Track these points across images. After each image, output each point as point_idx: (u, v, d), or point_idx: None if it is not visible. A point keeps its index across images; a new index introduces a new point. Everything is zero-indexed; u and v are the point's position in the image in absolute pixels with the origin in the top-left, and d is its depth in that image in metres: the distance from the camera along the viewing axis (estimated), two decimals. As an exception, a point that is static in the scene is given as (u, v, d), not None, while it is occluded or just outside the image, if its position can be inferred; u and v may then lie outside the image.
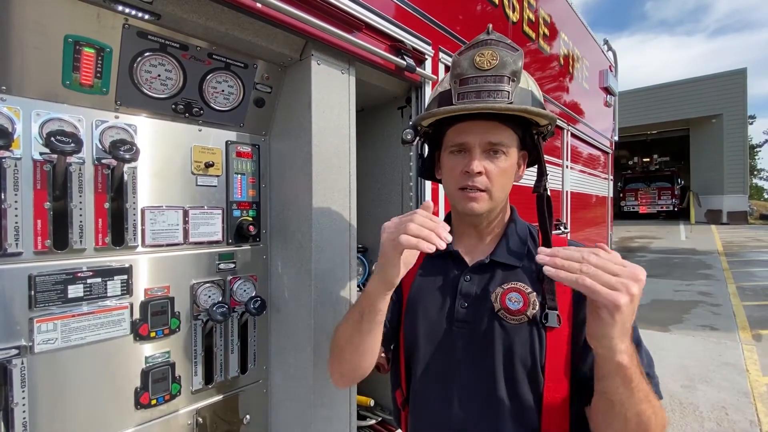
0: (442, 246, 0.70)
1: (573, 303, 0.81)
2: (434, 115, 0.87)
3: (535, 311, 0.81)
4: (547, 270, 0.63)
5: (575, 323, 0.80)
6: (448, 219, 1.02)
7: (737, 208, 18.97)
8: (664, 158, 22.68)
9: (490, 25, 0.87)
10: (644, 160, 22.79)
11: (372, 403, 1.69)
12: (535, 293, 0.82)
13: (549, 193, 0.91)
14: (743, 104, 18.91)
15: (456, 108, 0.82)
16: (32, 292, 0.92)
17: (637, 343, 0.74)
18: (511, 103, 0.81)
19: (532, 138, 0.91)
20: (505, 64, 0.81)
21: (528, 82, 0.86)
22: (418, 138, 0.99)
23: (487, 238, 0.94)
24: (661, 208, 21.08)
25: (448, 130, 0.89)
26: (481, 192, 0.85)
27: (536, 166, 0.95)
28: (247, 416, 1.33)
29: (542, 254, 0.65)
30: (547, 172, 0.93)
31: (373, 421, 1.69)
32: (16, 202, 0.90)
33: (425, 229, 0.70)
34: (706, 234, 15.08)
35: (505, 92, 0.80)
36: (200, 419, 1.21)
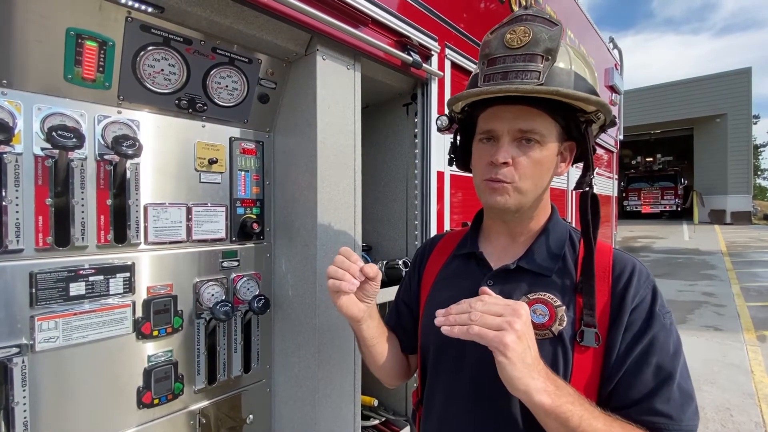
0: (350, 288, 0.78)
1: (609, 323, 0.72)
2: (459, 99, 0.80)
3: (561, 327, 0.72)
4: (445, 330, 0.63)
5: (608, 345, 0.71)
6: (479, 217, 0.94)
7: (741, 208, 18.87)
8: (667, 158, 22.57)
9: None
10: (647, 159, 22.69)
11: (376, 403, 1.68)
12: (564, 307, 0.73)
13: (595, 191, 0.78)
14: (748, 104, 18.78)
15: (477, 91, 0.73)
16: (33, 290, 0.91)
17: (665, 379, 0.66)
18: (541, 84, 0.70)
19: (578, 126, 0.78)
20: (538, 41, 0.71)
21: (572, 62, 0.75)
22: (453, 124, 0.91)
23: (519, 239, 0.84)
24: (665, 207, 21.00)
25: (479, 117, 0.81)
26: (506, 184, 0.76)
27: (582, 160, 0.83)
28: (251, 416, 1.31)
29: (438, 316, 0.66)
30: (595, 167, 0.79)
31: (376, 421, 1.67)
32: (17, 198, 0.89)
33: (340, 271, 0.79)
34: (710, 234, 15.01)
35: (535, 72, 0.70)
36: (203, 419, 1.20)
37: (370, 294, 0.84)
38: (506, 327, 0.59)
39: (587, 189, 0.79)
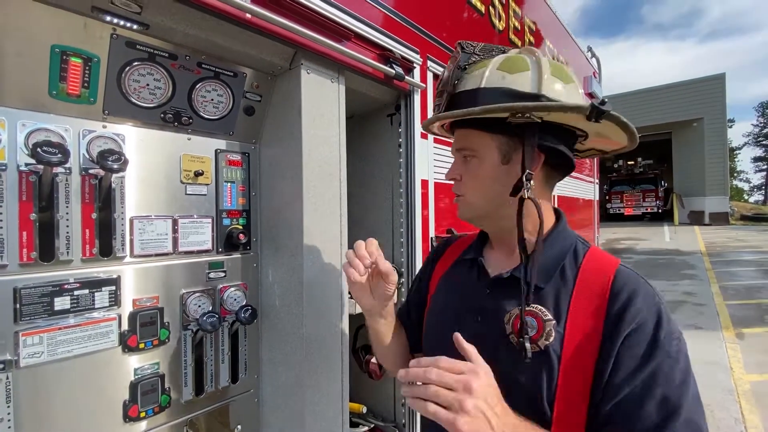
0: (354, 277, 0.84)
1: (600, 345, 0.68)
2: (428, 123, 0.94)
3: (548, 342, 0.71)
4: (409, 402, 0.62)
5: (597, 368, 0.68)
6: None
7: (719, 209, 19.44)
8: (648, 161, 23.17)
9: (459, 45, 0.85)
10: (629, 163, 23.27)
11: (364, 410, 1.69)
12: (554, 322, 0.72)
13: (529, 195, 0.75)
14: (723, 108, 19.44)
15: (425, 123, 0.94)
16: (17, 305, 0.90)
17: (671, 413, 0.62)
18: (443, 111, 0.82)
19: (522, 131, 0.76)
20: (445, 80, 0.85)
21: (483, 78, 0.78)
22: None
23: (516, 249, 0.81)
24: (646, 209, 21.51)
25: None
26: (459, 197, 0.87)
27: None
28: (239, 426, 1.31)
29: (400, 376, 0.64)
30: (531, 171, 0.75)
31: (365, 428, 1.69)
32: (0, 213, 0.89)
33: (353, 257, 0.86)
34: (690, 235, 15.42)
35: (440, 105, 0.84)
36: (191, 430, 1.20)
37: (382, 295, 0.90)
38: (456, 406, 0.57)
39: (518, 195, 0.76)
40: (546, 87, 0.74)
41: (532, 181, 0.75)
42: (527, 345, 0.70)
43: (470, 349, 0.65)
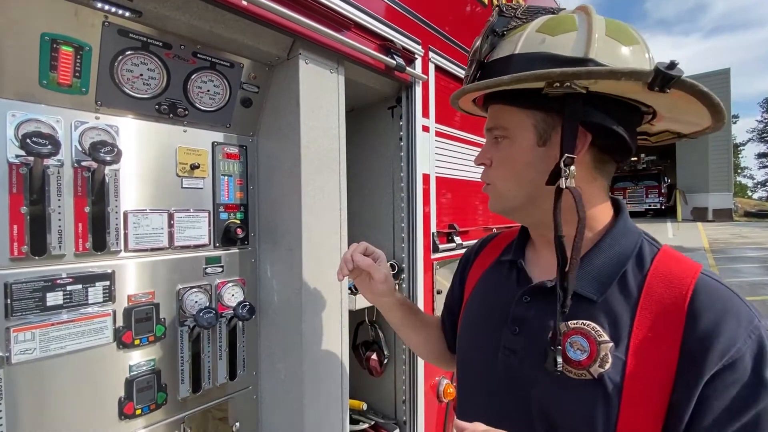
0: (338, 276, 0.93)
1: (676, 376, 0.54)
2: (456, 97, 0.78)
3: (603, 370, 0.57)
4: None
5: (672, 404, 0.54)
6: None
7: (722, 205, 19.36)
8: (650, 157, 23.07)
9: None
10: (632, 159, 23.14)
11: (365, 407, 1.67)
12: (612, 345, 0.58)
13: (570, 184, 0.60)
14: (727, 104, 19.26)
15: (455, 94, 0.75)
16: (8, 301, 0.88)
17: None
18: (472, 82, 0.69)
19: (562, 105, 0.62)
20: (476, 47, 0.71)
21: (519, 42, 0.66)
22: None
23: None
24: (649, 206, 21.44)
25: None
26: (488, 186, 0.74)
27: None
28: (237, 423, 1.30)
29: None
30: (571, 154, 0.60)
31: (366, 425, 1.67)
32: (-10, 206, 0.86)
33: (344, 257, 0.93)
34: (693, 231, 15.35)
35: (468, 76, 0.71)
36: (188, 428, 1.18)
37: (374, 291, 0.96)
38: None
39: (557, 184, 0.62)
40: (597, 49, 0.59)
41: (572, 167, 0.60)
42: (558, 358, 0.58)
43: None
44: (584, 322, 0.61)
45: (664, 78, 0.51)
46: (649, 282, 0.60)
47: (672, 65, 0.52)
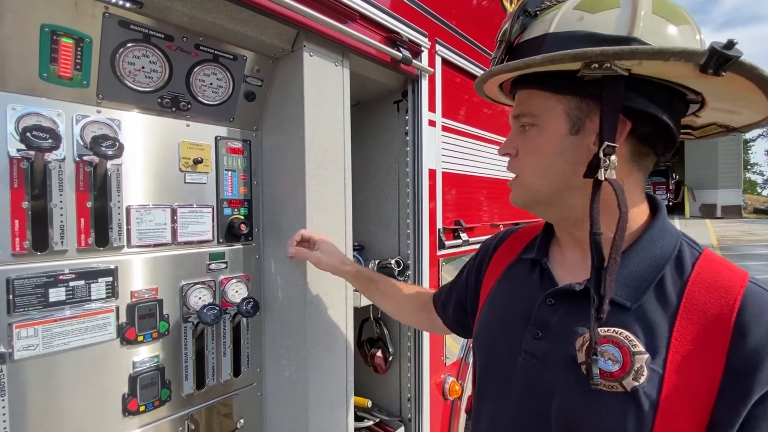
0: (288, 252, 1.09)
1: (718, 393, 0.50)
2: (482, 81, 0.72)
3: (638, 383, 0.52)
4: None
5: (713, 423, 0.50)
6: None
7: (731, 202, 19.12)
8: (659, 153, 22.78)
9: None
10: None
11: (370, 404, 1.66)
12: (648, 356, 0.53)
13: (611, 176, 0.55)
14: (737, 99, 18.97)
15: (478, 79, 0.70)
16: (10, 297, 0.87)
17: None
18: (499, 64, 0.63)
19: (599, 88, 0.56)
20: (504, 29, 0.65)
21: (554, 20, 0.60)
22: None
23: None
24: (657, 202, 21.19)
25: None
26: (514, 178, 0.69)
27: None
28: (241, 420, 1.29)
29: None
30: (612, 143, 0.55)
31: (370, 422, 1.66)
32: (-9, 201, 0.85)
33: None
34: (701, 228, 15.18)
35: (496, 59, 0.66)
36: (192, 424, 1.17)
37: (311, 257, 1.12)
38: None
39: (595, 175, 0.56)
40: (642, 28, 0.53)
41: (613, 157, 0.54)
42: (595, 370, 0.53)
43: None
44: (616, 330, 0.56)
45: (720, 58, 0.45)
46: (690, 289, 0.55)
47: (730, 45, 0.46)
